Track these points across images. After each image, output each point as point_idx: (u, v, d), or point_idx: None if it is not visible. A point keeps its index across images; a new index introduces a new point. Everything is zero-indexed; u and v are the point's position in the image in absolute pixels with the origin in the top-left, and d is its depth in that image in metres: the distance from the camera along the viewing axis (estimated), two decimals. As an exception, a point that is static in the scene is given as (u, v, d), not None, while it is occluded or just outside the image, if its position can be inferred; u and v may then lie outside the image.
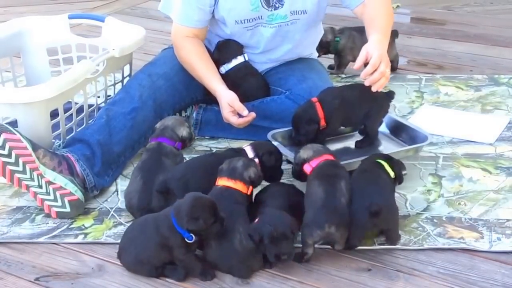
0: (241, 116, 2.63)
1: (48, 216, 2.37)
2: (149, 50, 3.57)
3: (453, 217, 2.33)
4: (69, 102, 2.66)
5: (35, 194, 2.35)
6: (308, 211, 2.11)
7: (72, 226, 2.33)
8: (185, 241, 2.01)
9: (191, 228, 1.99)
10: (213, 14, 2.76)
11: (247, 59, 2.83)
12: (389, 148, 2.59)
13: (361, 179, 2.23)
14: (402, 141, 2.65)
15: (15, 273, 2.12)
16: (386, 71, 2.40)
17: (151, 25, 4.13)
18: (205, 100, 2.86)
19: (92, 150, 2.50)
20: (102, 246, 2.23)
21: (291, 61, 2.94)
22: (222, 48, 2.83)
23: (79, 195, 2.38)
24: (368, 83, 2.41)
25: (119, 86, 2.94)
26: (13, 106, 2.47)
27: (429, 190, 2.48)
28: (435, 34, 4.14)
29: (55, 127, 2.59)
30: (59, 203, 2.35)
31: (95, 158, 2.49)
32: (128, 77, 2.96)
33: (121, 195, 2.48)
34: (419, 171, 2.60)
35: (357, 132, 2.70)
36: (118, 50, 2.75)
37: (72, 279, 2.09)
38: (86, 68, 2.63)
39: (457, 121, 2.99)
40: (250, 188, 2.21)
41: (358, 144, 2.64)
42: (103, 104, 2.85)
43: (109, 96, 2.91)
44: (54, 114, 2.56)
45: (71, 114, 2.66)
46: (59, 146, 2.62)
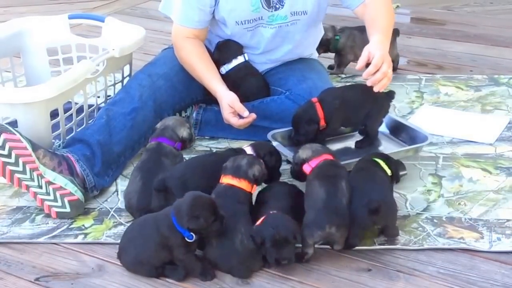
0: (241, 117, 2.63)
1: (48, 216, 2.37)
2: (149, 50, 3.57)
3: (453, 217, 2.33)
4: (69, 102, 2.66)
5: (35, 194, 2.35)
6: (308, 211, 2.10)
7: (72, 226, 2.33)
8: (185, 240, 2.01)
9: (191, 226, 1.99)
10: (213, 14, 2.76)
11: (247, 59, 2.83)
12: (389, 148, 2.58)
13: (358, 177, 2.23)
14: (402, 141, 2.65)
15: (15, 273, 2.12)
16: (388, 71, 2.40)
17: (151, 25, 4.13)
18: (205, 100, 2.86)
19: (92, 150, 2.50)
20: (102, 246, 2.23)
21: (291, 61, 2.93)
22: (222, 48, 2.83)
23: (79, 195, 2.38)
24: (370, 83, 2.41)
25: (119, 86, 2.94)
26: (13, 106, 2.47)
27: (429, 190, 2.48)
28: (435, 34, 4.13)
29: (55, 127, 2.59)
30: (59, 203, 2.35)
31: (95, 158, 2.49)
32: (128, 77, 2.96)
33: (121, 195, 2.48)
34: (419, 171, 2.59)
35: (357, 132, 2.70)
36: (118, 50, 2.75)
37: (72, 279, 2.09)
38: (86, 68, 2.63)
39: (457, 121, 2.99)
40: (254, 186, 2.21)
41: (358, 144, 2.64)
42: (103, 104, 2.85)
43: (109, 96, 2.90)
44: (54, 114, 2.56)
45: (71, 114, 2.66)
46: (59, 146, 2.62)
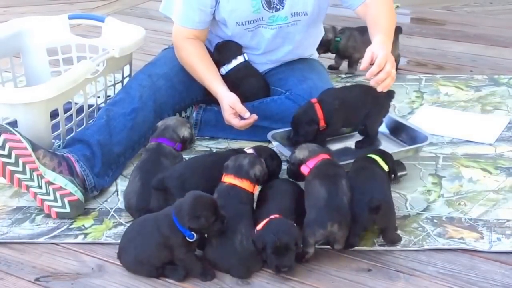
0: (242, 118, 2.63)
1: (48, 216, 2.37)
2: (149, 50, 3.57)
3: (453, 217, 2.33)
4: (69, 103, 2.66)
5: (35, 194, 2.35)
6: (310, 210, 2.10)
7: (72, 226, 2.33)
8: (186, 240, 2.01)
9: (193, 226, 1.99)
10: (214, 15, 2.75)
11: (247, 58, 2.82)
12: (389, 148, 2.58)
13: (357, 176, 2.23)
14: (402, 141, 2.64)
15: (15, 273, 2.12)
16: (392, 71, 2.39)
17: (151, 25, 4.13)
18: (205, 100, 2.86)
19: (92, 150, 2.50)
20: (102, 246, 2.23)
21: (291, 61, 2.93)
22: (222, 49, 2.83)
23: (79, 195, 2.38)
24: (373, 82, 2.39)
25: (119, 86, 2.94)
26: (13, 106, 2.47)
27: (429, 190, 2.48)
28: (435, 34, 4.13)
29: (55, 127, 2.59)
30: (59, 203, 2.35)
31: (95, 158, 2.49)
32: (128, 78, 2.96)
33: (121, 195, 2.48)
34: (419, 171, 2.60)
35: (357, 132, 2.69)
36: (118, 51, 2.75)
37: (72, 279, 2.09)
38: (86, 68, 2.63)
39: (457, 121, 2.99)
40: (256, 186, 2.21)
41: (358, 144, 2.64)
42: (103, 104, 2.85)
43: (109, 96, 2.91)
44: (54, 115, 2.56)
45: (71, 115, 2.66)
46: (59, 147, 2.62)
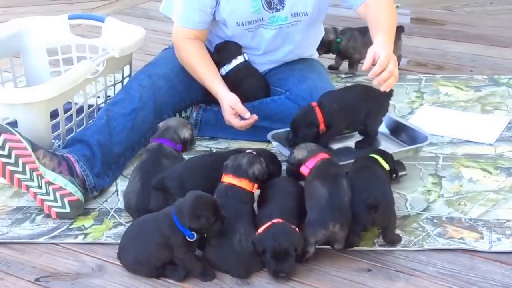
0: (243, 118, 2.63)
1: (48, 216, 2.37)
2: (149, 50, 3.57)
3: (453, 217, 2.33)
4: (69, 103, 2.66)
5: (35, 194, 2.35)
6: (311, 211, 2.10)
7: (72, 226, 2.33)
8: (186, 239, 2.01)
9: (193, 226, 1.99)
10: (214, 15, 2.75)
11: (247, 58, 2.82)
12: (389, 148, 2.57)
13: (358, 175, 2.23)
14: (402, 142, 2.64)
15: (15, 273, 2.12)
16: (395, 70, 2.39)
17: (151, 25, 4.13)
18: (205, 100, 2.86)
19: (92, 150, 2.50)
20: (102, 246, 2.23)
21: (291, 61, 2.93)
22: (221, 49, 2.83)
23: (79, 195, 2.38)
24: (376, 82, 2.39)
25: (119, 86, 2.94)
26: (13, 106, 2.47)
27: (429, 191, 2.48)
28: (435, 34, 4.13)
29: (55, 127, 2.59)
30: (59, 203, 2.35)
31: (95, 158, 2.49)
32: (128, 78, 2.96)
33: (121, 195, 2.48)
34: (419, 171, 2.60)
35: (357, 132, 2.69)
36: (118, 51, 2.75)
37: (72, 279, 2.09)
38: (86, 68, 2.63)
39: (457, 121, 2.99)
40: (256, 185, 2.20)
41: (358, 144, 2.64)
42: (103, 104, 2.85)
43: (109, 96, 2.90)
44: (54, 115, 2.56)
45: (71, 115, 2.66)
46: (59, 147, 2.62)
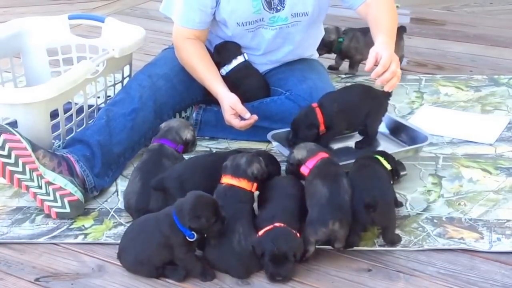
0: (243, 118, 2.62)
1: (48, 216, 2.37)
2: (149, 50, 3.57)
3: (453, 217, 2.33)
4: (69, 103, 2.66)
5: (35, 194, 2.35)
6: (312, 210, 2.10)
7: (72, 226, 2.33)
8: (186, 239, 2.01)
9: (193, 226, 1.99)
10: (214, 15, 2.75)
11: (247, 58, 2.82)
12: (389, 148, 2.58)
13: (359, 174, 2.23)
14: (402, 142, 2.65)
15: (15, 273, 2.12)
16: (398, 70, 2.39)
17: (151, 25, 4.13)
18: (205, 100, 2.86)
19: (92, 150, 2.50)
20: (102, 246, 2.23)
21: (291, 61, 2.93)
22: (221, 50, 2.83)
23: (79, 195, 2.38)
24: (379, 82, 2.39)
25: (119, 86, 2.94)
26: (13, 106, 2.47)
27: (429, 191, 2.48)
28: (435, 34, 4.13)
29: (55, 127, 2.58)
30: (59, 203, 2.35)
31: (95, 158, 2.49)
32: (128, 78, 2.96)
33: (121, 195, 2.48)
34: (419, 171, 2.59)
35: (357, 132, 2.69)
36: (118, 51, 2.75)
37: (72, 279, 2.09)
38: (86, 68, 2.63)
39: (457, 121, 2.99)
40: (255, 185, 2.20)
41: (358, 145, 2.64)
42: (103, 104, 2.85)
43: (109, 96, 2.90)
44: (54, 115, 2.56)
45: (71, 115, 2.66)
46: (59, 147, 2.62)
